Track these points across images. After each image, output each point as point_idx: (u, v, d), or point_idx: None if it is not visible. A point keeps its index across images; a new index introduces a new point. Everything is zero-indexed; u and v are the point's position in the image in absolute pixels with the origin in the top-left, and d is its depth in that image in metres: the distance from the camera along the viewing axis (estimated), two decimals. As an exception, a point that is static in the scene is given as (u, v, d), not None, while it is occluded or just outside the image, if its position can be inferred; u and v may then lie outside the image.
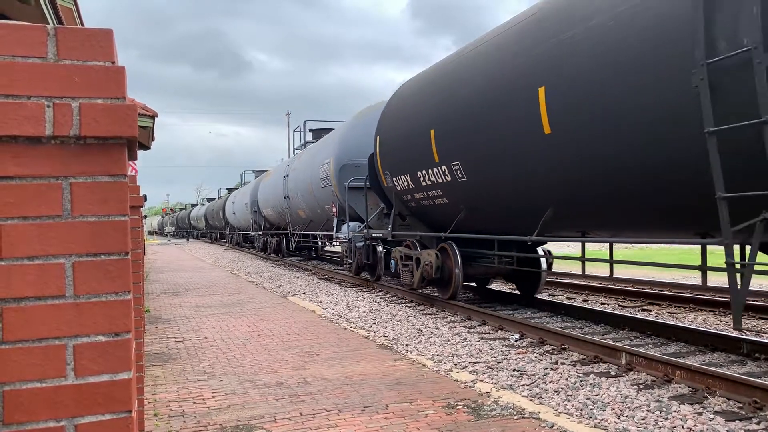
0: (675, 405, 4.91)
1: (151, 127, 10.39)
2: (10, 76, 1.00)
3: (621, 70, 5.83)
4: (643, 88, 5.59)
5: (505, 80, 7.63)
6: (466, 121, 8.54)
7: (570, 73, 6.50)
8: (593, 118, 6.23)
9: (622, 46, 5.81)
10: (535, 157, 7.26)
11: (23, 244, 1.02)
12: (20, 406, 1.01)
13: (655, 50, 5.45)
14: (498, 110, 7.79)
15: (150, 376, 5.90)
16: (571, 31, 6.56)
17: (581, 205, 7.08)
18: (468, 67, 8.81)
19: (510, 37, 7.87)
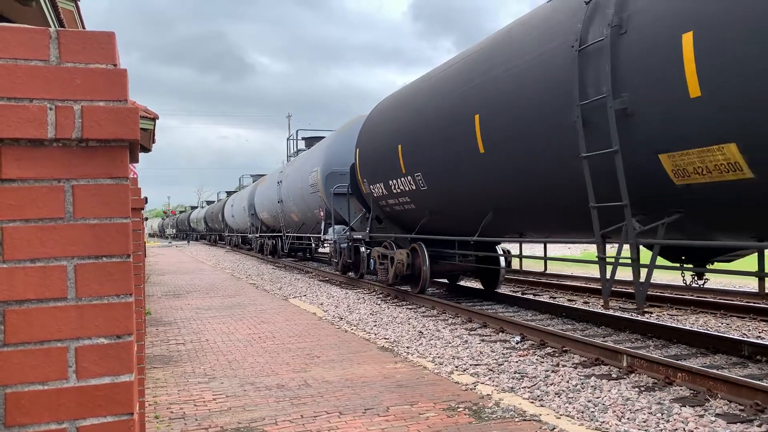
0: (676, 407, 4.91)
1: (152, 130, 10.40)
2: (13, 79, 1.01)
3: (530, 104, 7.31)
4: (545, 118, 7.06)
5: (452, 108, 9.23)
6: (425, 139, 10.08)
7: (496, 104, 8.03)
8: (514, 140, 7.70)
9: (529, 85, 7.34)
10: (475, 171, 8.76)
11: (25, 246, 1.02)
12: (22, 408, 1.01)
13: (550, 90, 6.98)
14: (447, 132, 9.33)
15: (151, 379, 5.90)
16: (496, 71, 8.13)
17: (513, 210, 8.47)
18: (426, 95, 10.41)
19: (455, 72, 9.52)
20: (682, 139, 5.42)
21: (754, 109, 4.79)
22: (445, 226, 10.65)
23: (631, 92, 5.83)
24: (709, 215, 5.79)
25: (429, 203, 10.69)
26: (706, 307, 10.02)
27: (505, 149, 7.94)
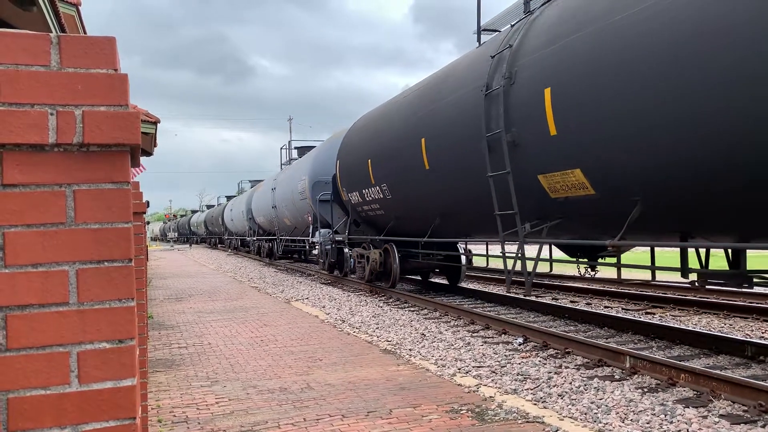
0: (679, 408, 4.90)
1: (154, 133, 10.41)
2: (14, 85, 1.01)
3: (458, 132, 9.15)
4: (468, 144, 8.81)
5: (406, 131, 11.11)
6: (388, 155, 11.88)
7: (436, 131, 9.86)
8: (450, 160, 9.50)
9: (457, 117, 9.20)
10: (424, 184, 10.62)
11: (27, 251, 1.02)
12: (24, 413, 1.01)
13: (469, 123, 8.74)
14: (402, 151, 11.14)
15: (153, 383, 5.90)
16: (435, 105, 10.03)
17: (454, 216, 10.25)
18: (388, 119, 12.32)
19: (408, 102, 11.55)
20: (550, 165, 7.19)
21: (590, 143, 6.47)
22: (409, 228, 12.33)
23: (517, 128, 7.61)
24: (578, 221, 7.49)
25: (394, 209, 12.44)
26: (709, 307, 10.01)
27: (444, 167, 9.76)
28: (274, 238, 24.89)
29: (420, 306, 11.39)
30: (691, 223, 6.10)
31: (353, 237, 14.83)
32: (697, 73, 5.15)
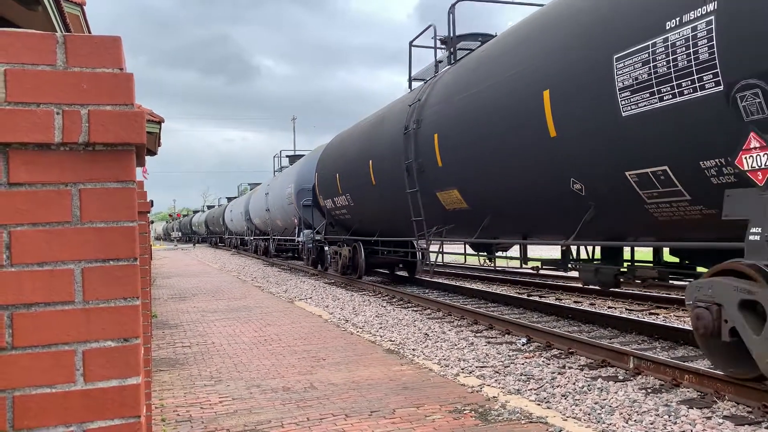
0: (683, 409, 4.89)
1: (158, 133, 10.43)
2: (20, 84, 1.01)
3: (392, 157, 11.72)
4: (397, 168, 11.39)
5: (361, 153, 13.73)
6: (350, 171, 14.48)
7: (378, 155, 12.56)
8: (387, 178, 12.09)
9: (391, 146, 11.85)
10: (373, 195, 13.29)
11: (33, 250, 1.03)
12: (30, 411, 1.01)
13: (398, 152, 11.37)
14: (358, 168, 13.78)
15: (157, 381, 5.91)
16: (379, 134, 12.74)
17: (395, 222, 12.78)
18: (348, 142, 15.22)
19: (361, 130, 14.52)
20: (440, 186, 10.04)
21: (461, 173, 9.23)
22: (368, 230, 14.93)
23: (422, 159, 10.43)
24: (462, 226, 10.22)
25: (356, 214, 15.10)
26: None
27: (384, 183, 12.41)
28: (269, 238, 27.38)
29: (423, 306, 11.39)
30: (521, 228, 9.01)
31: (329, 237, 17.66)
32: (502, 135, 7.98)
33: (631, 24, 5.69)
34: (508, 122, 7.75)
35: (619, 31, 5.82)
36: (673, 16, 5.19)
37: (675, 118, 5.27)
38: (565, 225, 7.36)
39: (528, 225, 8.69)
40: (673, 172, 5.48)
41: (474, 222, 9.56)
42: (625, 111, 5.78)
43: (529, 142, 7.36)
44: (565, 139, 6.73)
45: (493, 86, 8.20)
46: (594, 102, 6.15)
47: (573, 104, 6.49)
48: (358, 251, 15.38)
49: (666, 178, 5.59)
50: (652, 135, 5.59)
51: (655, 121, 5.50)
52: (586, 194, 6.75)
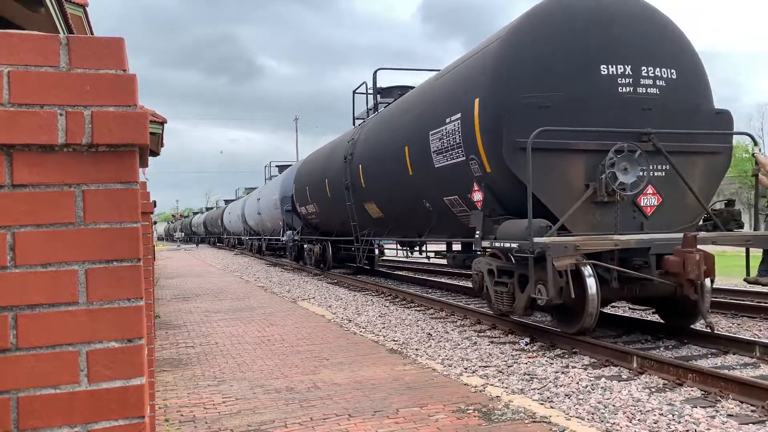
0: (687, 408, 4.88)
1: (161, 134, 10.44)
2: (24, 85, 1.01)
3: (339, 178, 15.14)
4: (341, 186, 14.81)
5: (322, 172, 17.38)
6: (314, 184, 18.38)
7: (333, 175, 15.89)
8: (337, 193, 15.45)
9: (338, 170, 15.16)
10: (329, 205, 17.01)
11: (37, 251, 1.03)
12: (34, 412, 1.01)
13: (341, 173, 14.79)
14: (319, 183, 17.68)
15: (161, 382, 5.92)
16: (332, 159, 16.33)
17: (343, 225, 16.17)
18: (316, 161, 19.03)
19: (321, 155, 18.58)
20: (366, 200, 13.55)
21: (376, 191, 12.76)
22: (330, 231, 18.53)
23: (354, 181, 13.92)
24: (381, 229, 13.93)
25: (322, 219, 18.93)
26: (717, 307, 9.95)
27: (336, 196, 15.78)
28: (261, 238, 31.19)
29: (426, 306, 11.40)
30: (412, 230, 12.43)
31: (305, 236, 21.42)
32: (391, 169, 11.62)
33: (433, 116, 9.61)
34: (392, 162, 11.52)
35: (430, 119, 9.75)
36: (448, 115, 8.99)
37: (453, 170, 9.00)
38: (424, 228, 11.51)
39: (415, 228, 12.19)
40: (461, 198, 9.19)
41: (388, 225, 13.64)
42: (436, 164, 9.58)
43: (401, 176, 11.15)
44: (415, 176, 10.58)
45: (386, 137, 12.12)
46: (423, 157, 9.96)
47: (415, 157, 10.41)
48: (326, 248, 19.12)
49: (458, 201, 9.36)
50: (449, 178, 9.27)
51: (448, 171, 9.23)
52: (431, 210, 10.52)
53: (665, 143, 7.60)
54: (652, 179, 7.65)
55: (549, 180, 7.29)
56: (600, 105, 7.56)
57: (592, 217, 7.52)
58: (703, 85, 8.30)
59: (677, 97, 7.95)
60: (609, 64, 7.66)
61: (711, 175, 8.20)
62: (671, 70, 7.93)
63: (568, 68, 7.56)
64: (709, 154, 8.12)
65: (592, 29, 7.69)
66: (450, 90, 9.27)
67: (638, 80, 7.76)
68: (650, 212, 7.75)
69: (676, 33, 8.23)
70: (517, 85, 7.56)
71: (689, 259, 6.81)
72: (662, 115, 7.76)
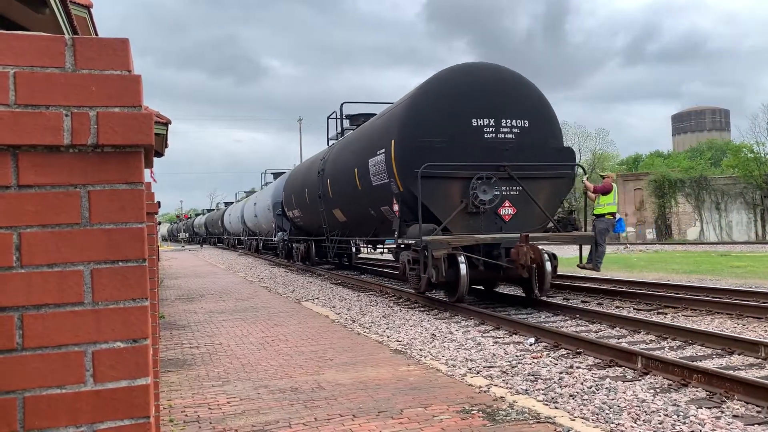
0: (692, 409, 4.87)
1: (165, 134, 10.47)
2: (30, 87, 1.02)
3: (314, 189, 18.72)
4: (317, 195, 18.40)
5: (303, 183, 20.54)
6: (297, 194, 21.56)
7: (310, 187, 19.17)
8: (313, 202, 19.13)
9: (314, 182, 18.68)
10: (309, 211, 20.08)
11: (43, 251, 1.03)
12: (40, 412, 1.02)
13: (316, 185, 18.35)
14: (302, 193, 20.65)
15: (165, 382, 5.93)
16: (309, 173, 19.81)
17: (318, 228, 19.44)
18: (298, 174, 22.71)
19: (304, 167, 22.14)
20: (333, 207, 16.85)
21: (339, 201, 16.26)
22: (311, 232, 21.88)
23: (325, 191, 17.12)
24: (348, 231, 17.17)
25: (305, 222, 22.05)
26: (722, 307, 9.93)
27: (313, 203, 19.09)
28: (257, 238, 34.77)
29: (430, 306, 11.39)
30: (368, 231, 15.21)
31: (292, 237, 24.62)
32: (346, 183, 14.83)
33: (371, 148, 12.75)
34: (349, 178, 14.50)
35: (369, 150, 12.92)
36: (378, 149, 12.11)
37: (382, 188, 12.15)
38: (374, 229, 14.69)
39: (369, 229, 14.95)
40: (389, 208, 12.18)
41: (350, 227, 16.79)
42: (373, 183, 12.59)
43: (354, 190, 14.24)
44: (362, 191, 13.63)
45: (345, 159, 15.42)
46: (365, 177, 13.05)
47: (361, 176, 13.45)
48: (309, 247, 22.34)
49: (388, 210, 12.37)
50: (380, 194, 12.41)
51: (379, 188, 12.32)
52: (375, 216, 13.51)
53: (518, 172, 10.99)
54: (509, 196, 11.07)
55: (436, 197, 10.74)
56: (471, 146, 10.96)
57: (466, 222, 10.89)
58: (552, 129, 11.73)
59: (528, 139, 11.30)
60: (478, 118, 11.15)
61: (555, 194, 11.63)
62: (524, 120, 11.30)
63: (449, 122, 11.01)
64: (553, 179, 11.45)
65: (467, 94, 11.12)
66: (380, 131, 12.73)
67: (499, 129, 11.21)
68: (508, 219, 11.09)
69: (531, 92, 11.63)
70: (416, 132, 11.02)
71: (520, 250, 10.09)
72: (517, 153, 11.12)
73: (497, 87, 11.32)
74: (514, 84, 11.53)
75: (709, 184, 50.54)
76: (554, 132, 11.77)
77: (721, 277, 15.94)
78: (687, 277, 15.94)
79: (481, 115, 11.09)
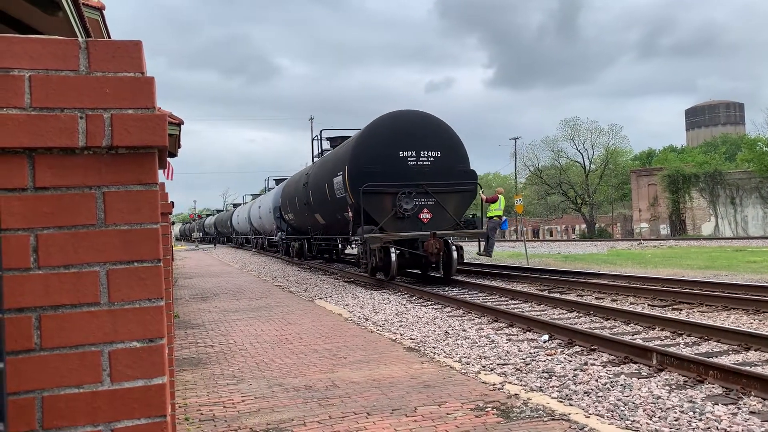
0: (709, 406, 4.83)
1: (177, 135, 10.52)
2: (45, 90, 1.03)
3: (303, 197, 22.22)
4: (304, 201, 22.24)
5: (296, 191, 23.94)
6: (290, 200, 25.13)
7: (300, 195, 22.82)
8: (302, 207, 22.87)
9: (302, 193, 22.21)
10: (300, 215, 23.98)
11: (59, 252, 1.04)
12: (59, 411, 1.03)
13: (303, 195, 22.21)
14: (294, 200, 24.48)
15: (180, 381, 5.97)
16: (298, 184, 23.58)
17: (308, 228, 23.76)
18: (291, 184, 26.47)
19: (296, 178, 25.87)
20: (315, 212, 20.75)
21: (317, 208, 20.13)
22: (305, 231, 24.58)
23: (308, 199, 20.92)
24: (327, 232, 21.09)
25: (297, 223, 25.69)
26: (738, 303, 9.84)
27: (301, 209, 22.61)
28: (262, 237, 39.13)
29: (443, 304, 11.38)
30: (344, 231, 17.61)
31: (289, 236, 28.03)
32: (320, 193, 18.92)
33: (335, 169, 16.80)
34: (323, 189, 18.11)
35: (333, 171, 16.96)
36: (339, 171, 16.25)
37: (342, 200, 16.22)
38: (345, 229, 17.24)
39: (341, 229, 17.92)
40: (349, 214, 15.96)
41: (327, 228, 20.47)
42: (337, 195, 16.61)
43: (327, 200, 18.03)
44: (331, 200, 17.39)
45: (321, 175, 19.09)
46: (332, 190, 16.93)
47: (329, 190, 17.18)
48: (303, 245, 25.43)
49: (348, 216, 15.95)
50: (342, 203, 16.35)
51: (341, 199, 16.29)
52: (341, 220, 17.04)
53: (433, 188, 15.23)
54: (426, 205, 15.26)
55: (374, 206, 15.01)
56: (399, 171, 15.19)
57: (396, 224, 15.03)
58: (459, 156, 15.88)
59: (441, 164, 15.49)
60: (403, 150, 15.35)
61: (462, 203, 15.91)
62: (438, 151, 15.54)
63: (384, 154, 15.20)
64: (459, 192, 15.71)
65: (397, 133, 15.38)
66: (340, 158, 16.83)
67: (419, 158, 15.42)
68: (426, 222, 15.18)
69: (444, 130, 15.85)
70: (360, 162, 15.27)
71: (430, 243, 14.39)
72: (433, 174, 15.32)
73: (418, 128, 15.54)
74: (431, 125, 15.76)
75: (724, 178, 50.10)
76: (461, 158, 15.86)
77: (736, 272, 15.80)
78: (702, 273, 15.81)
79: (406, 148, 15.31)
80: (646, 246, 33.59)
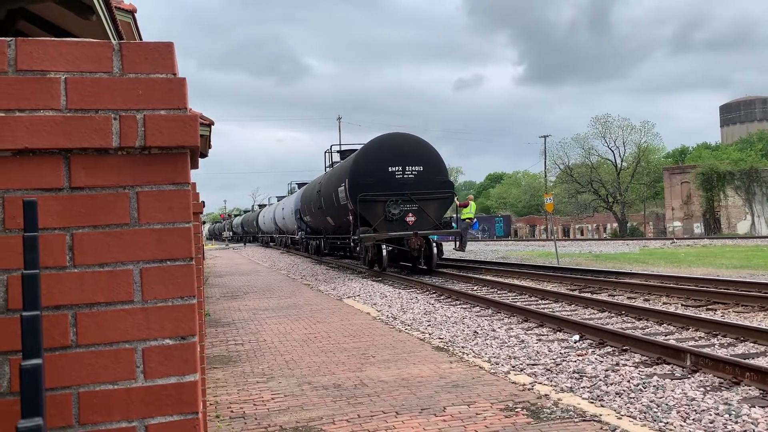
0: (745, 408, 4.73)
1: (208, 135, 10.64)
2: (80, 91, 1.05)
3: (316, 203, 25.68)
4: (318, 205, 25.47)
5: (310, 197, 27.53)
6: (308, 204, 27.93)
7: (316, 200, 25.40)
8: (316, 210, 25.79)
9: (316, 198, 25.36)
10: (315, 216, 26.69)
11: (94, 251, 1.06)
12: (94, 406, 1.05)
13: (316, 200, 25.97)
14: (310, 204, 27.15)
15: (211, 379, 6.04)
16: (314, 190, 26.77)
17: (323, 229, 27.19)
18: (308, 189, 29.32)
19: (312, 184, 28.94)
20: (326, 215, 23.67)
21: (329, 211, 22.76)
22: (323, 230, 26.86)
23: (321, 205, 23.84)
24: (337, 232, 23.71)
25: (314, 225, 28.24)
26: (759, 301, 9.61)
27: (316, 212, 25.37)
28: (286, 236, 42.47)
29: (472, 303, 11.33)
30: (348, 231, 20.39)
31: (308, 236, 31.08)
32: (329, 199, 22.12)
33: (339, 180, 20.34)
34: (333, 196, 20.89)
35: (338, 181, 20.30)
36: (341, 182, 19.84)
37: (345, 206, 19.53)
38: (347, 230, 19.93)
39: (345, 231, 20.37)
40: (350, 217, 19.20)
41: (336, 229, 22.82)
42: (341, 202, 19.96)
43: (335, 205, 20.86)
44: (338, 206, 20.60)
45: (330, 184, 22.00)
46: (337, 197, 20.38)
47: (336, 197, 20.55)
48: (320, 243, 27.90)
49: (349, 219, 19.49)
50: (345, 209, 19.66)
51: (344, 205, 19.59)
52: (347, 222, 19.74)
53: (416, 196, 18.45)
54: (411, 210, 18.43)
55: (369, 211, 18.25)
56: (388, 182, 18.45)
57: (387, 226, 18.19)
58: (438, 169, 19.34)
59: (423, 177, 18.78)
60: (392, 166, 18.61)
61: (441, 208, 19.25)
62: (420, 166, 18.79)
63: (376, 169, 18.50)
64: (438, 199, 18.99)
65: (387, 152, 18.77)
66: (344, 171, 20.01)
67: (405, 172, 18.67)
68: (411, 224, 18.29)
69: (425, 149, 19.30)
70: (357, 176, 18.52)
71: (413, 240, 17.72)
72: (416, 185, 18.57)
73: (404, 147, 19.03)
74: (415, 144, 19.26)
75: (760, 176, 48.95)
76: (440, 171, 19.38)
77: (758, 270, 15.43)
78: (738, 272, 15.47)
79: (394, 164, 18.65)
80: (679, 245, 33.00)
